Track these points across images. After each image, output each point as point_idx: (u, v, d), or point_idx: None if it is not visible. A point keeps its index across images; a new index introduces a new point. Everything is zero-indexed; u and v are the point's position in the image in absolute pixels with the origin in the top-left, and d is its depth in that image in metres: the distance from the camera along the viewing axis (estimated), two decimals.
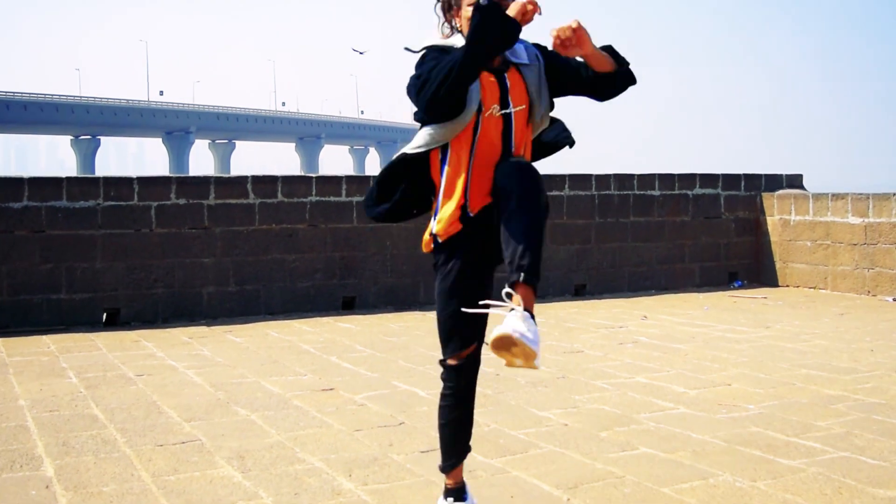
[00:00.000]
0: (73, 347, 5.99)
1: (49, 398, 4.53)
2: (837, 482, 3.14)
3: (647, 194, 8.88)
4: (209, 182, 7.36)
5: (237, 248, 7.35)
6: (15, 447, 3.67)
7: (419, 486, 3.15)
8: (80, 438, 3.79)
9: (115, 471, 3.35)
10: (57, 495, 3.08)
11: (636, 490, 3.08)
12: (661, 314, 7.37)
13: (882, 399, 4.36)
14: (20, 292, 6.77)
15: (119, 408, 4.31)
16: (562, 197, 8.49)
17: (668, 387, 4.69)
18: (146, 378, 4.99)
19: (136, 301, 7.06)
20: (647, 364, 5.29)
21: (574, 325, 6.86)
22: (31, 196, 6.80)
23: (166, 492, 3.10)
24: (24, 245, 6.77)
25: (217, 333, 6.54)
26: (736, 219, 9.32)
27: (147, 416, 4.16)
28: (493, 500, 3.00)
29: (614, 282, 8.75)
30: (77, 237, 6.91)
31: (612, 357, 5.52)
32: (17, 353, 5.77)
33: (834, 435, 3.74)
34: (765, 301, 8.15)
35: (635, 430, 3.85)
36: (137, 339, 6.33)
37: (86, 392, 4.65)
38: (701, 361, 5.36)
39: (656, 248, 8.95)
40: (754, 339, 6.14)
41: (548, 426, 3.93)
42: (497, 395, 4.53)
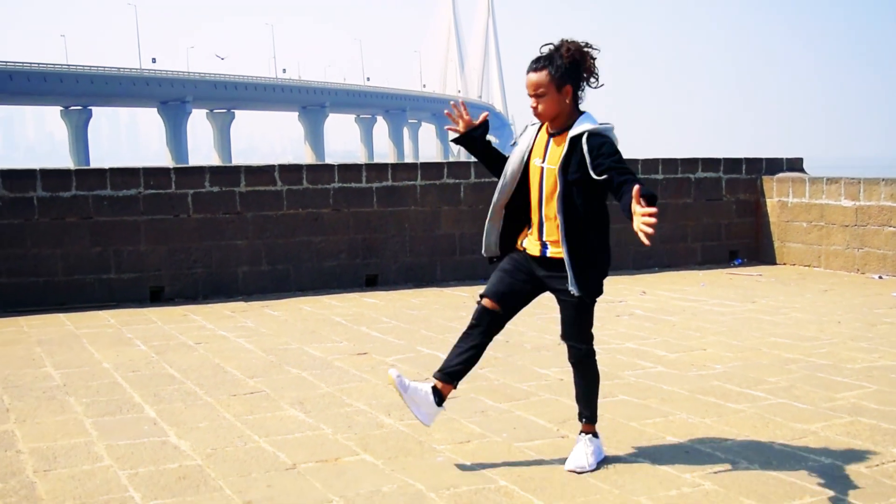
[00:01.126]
0: (130, 321, 7.23)
1: (127, 362, 5.76)
2: (768, 419, 4.33)
3: (651, 178, 10.02)
4: (240, 171, 8.55)
5: (267, 231, 8.56)
6: (116, 397, 4.91)
7: (443, 422, 4.35)
8: (167, 391, 5.02)
9: (204, 413, 4.57)
10: (166, 429, 4.31)
11: (610, 423, 4.28)
12: (660, 290, 8.55)
13: (830, 361, 5.54)
14: (74, 272, 8.01)
15: (189, 368, 5.54)
16: None
17: (652, 351, 5.88)
18: (205, 345, 6.23)
19: (178, 280, 8.29)
20: (637, 333, 6.48)
21: None
22: (78, 186, 8.02)
23: (248, 426, 4.33)
24: (75, 230, 8.00)
25: (255, 308, 7.77)
26: (737, 201, 10.45)
27: (215, 374, 5.39)
28: (500, 430, 4.20)
29: (619, 260, 9.90)
30: (122, 223, 8.13)
31: (609, 328, 6.70)
32: (84, 326, 7.02)
33: (778, 387, 4.93)
34: (759, 278, 9.31)
35: (617, 384, 5.04)
36: (185, 313, 7.57)
37: (157, 357, 5.89)
38: (685, 331, 6.55)
39: (660, 228, 9.99)
40: (738, 312, 7.31)
41: (546, 381, 5.13)
42: (506, 357, 5.73)
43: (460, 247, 9.23)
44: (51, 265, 7.93)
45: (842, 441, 3.98)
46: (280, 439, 4.12)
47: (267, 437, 4.16)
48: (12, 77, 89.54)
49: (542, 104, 3.48)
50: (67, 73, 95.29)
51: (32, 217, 7.87)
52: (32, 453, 3.97)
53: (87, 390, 5.06)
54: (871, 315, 7.10)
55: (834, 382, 5.02)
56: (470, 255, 9.23)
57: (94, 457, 3.91)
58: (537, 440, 4.08)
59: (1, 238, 7.78)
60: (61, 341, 6.47)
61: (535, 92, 3.48)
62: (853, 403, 4.58)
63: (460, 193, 9.19)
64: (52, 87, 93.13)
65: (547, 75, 3.44)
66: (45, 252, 7.91)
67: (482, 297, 3.73)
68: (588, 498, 3.36)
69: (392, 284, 8.90)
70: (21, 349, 6.22)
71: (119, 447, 4.03)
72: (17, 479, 3.66)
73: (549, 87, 3.45)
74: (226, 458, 3.86)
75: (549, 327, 6.73)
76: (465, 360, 3.71)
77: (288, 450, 3.96)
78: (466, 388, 4.97)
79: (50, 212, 7.90)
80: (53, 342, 6.44)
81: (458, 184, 9.17)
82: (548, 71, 3.45)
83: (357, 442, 4.05)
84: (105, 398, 4.89)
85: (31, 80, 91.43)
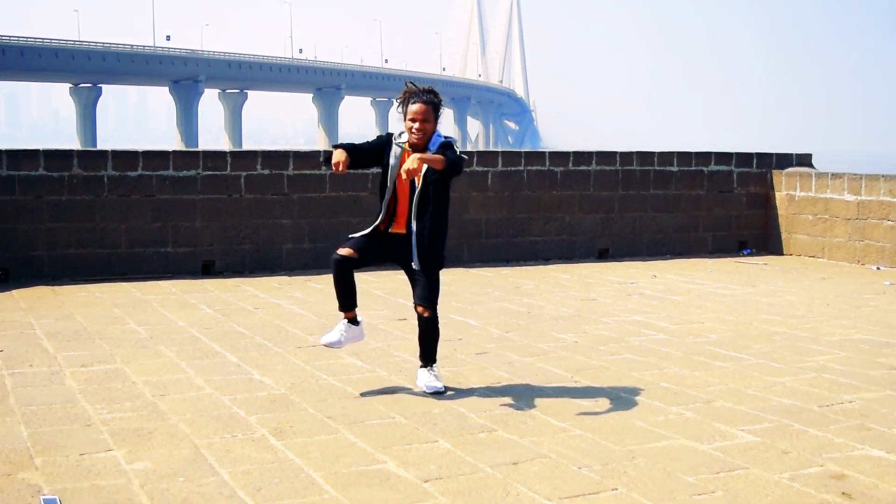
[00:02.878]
0: (190, 289, 8.41)
1: (198, 321, 6.93)
2: (746, 374, 5.44)
3: (666, 170, 11.11)
4: (288, 155, 9.71)
5: (311, 211, 9.72)
6: (200, 346, 6.07)
7: (477, 368, 5.49)
8: (241, 343, 6.18)
9: (277, 360, 5.73)
10: (249, 370, 5.46)
11: (615, 374, 5.40)
12: (670, 274, 9.65)
13: (811, 334, 6.64)
14: (136, 245, 9.20)
15: (255, 327, 6.70)
16: (589, 171, 10.75)
17: (656, 323, 7.00)
18: (262, 311, 7.39)
19: (228, 255, 9.47)
20: (644, 309, 7.59)
21: (593, 281, 9.16)
22: (144, 166, 9.19)
23: (317, 369, 5.48)
24: (139, 207, 9.19)
25: (299, 282, 8.93)
26: (747, 193, 11.52)
27: (277, 333, 6.54)
28: (522, 378, 5.33)
29: (634, 247, 11.02)
30: (181, 201, 9.31)
31: (620, 304, 7.82)
32: (150, 293, 8.20)
33: (761, 352, 6.03)
34: (764, 266, 10.39)
35: (623, 346, 6.17)
36: (237, 285, 8.74)
37: (223, 319, 7.05)
38: (688, 308, 7.66)
39: (673, 218, 11.19)
40: (738, 294, 8.41)
41: (563, 343, 6.26)
42: (528, 325, 6.86)
43: (486, 231, 10.35)
44: (116, 238, 9.12)
45: (803, 390, 5.09)
46: (345, 377, 5.27)
47: (334, 376, 5.31)
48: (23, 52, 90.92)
49: (427, 128, 4.79)
50: (79, 49, 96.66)
51: (102, 194, 9.05)
52: (146, 384, 5.13)
53: (172, 341, 6.23)
54: (859, 299, 8.18)
55: (809, 350, 6.12)
56: (495, 238, 10.35)
57: (197, 387, 5.07)
58: (554, 383, 5.21)
59: (73, 213, 8.97)
60: (135, 304, 7.64)
61: (423, 119, 4.78)
62: (821, 365, 5.69)
63: (488, 181, 10.30)
64: (63, 63, 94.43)
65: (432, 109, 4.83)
66: (111, 226, 9.10)
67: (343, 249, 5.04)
68: (595, 419, 4.48)
69: None
70: (100, 311, 7.40)
71: (215, 381, 5.19)
72: (141, 400, 4.82)
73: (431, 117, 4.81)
74: (304, 390, 5.01)
75: (566, 302, 7.86)
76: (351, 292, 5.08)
77: (353, 385, 5.11)
78: (495, 347, 6.12)
79: (118, 189, 9.09)
80: (127, 305, 7.61)
81: (486, 171, 10.29)
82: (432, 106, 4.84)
83: (408, 381, 5.19)
84: (190, 347, 6.06)
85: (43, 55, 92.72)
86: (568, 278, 9.33)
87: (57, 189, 8.91)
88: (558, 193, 10.62)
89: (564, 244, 10.68)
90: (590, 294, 8.35)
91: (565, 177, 10.65)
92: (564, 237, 10.67)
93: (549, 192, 10.56)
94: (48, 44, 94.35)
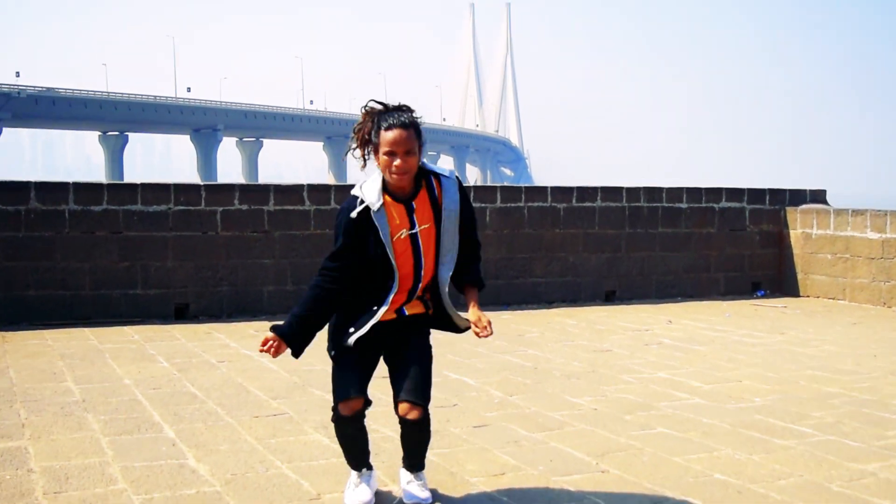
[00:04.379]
0: (154, 337, 6.88)
1: (149, 378, 5.40)
2: (820, 458, 3.91)
3: (676, 206, 9.63)
4: (269, 190, 8.23)
5: (294, 250, 8.22)
6: (136, 415, 4.54)
7: (474, 451, 3.96)
8: (188, 410, 4.65)
9: (225, 435, 4.20)
10: (184, 451, 3.93)
11: (652, 458, 3.87)
12: (685, 319, 8.13)
13: (874, 396, 5.10)
14: (101, 287, 7.69)
15: (212, 387, 5.17)
16: (594, 208, 9.27)
17: (686, 381, 5.46)
18: (227, 364, 5.86)
19: (204, 297, 7.95)
20: (668, 362, 6.06)
21: (604, 327, 7.63)
22: (110, 200, 7.72)
23: (271, 450, 3.95)
24: (104, 245, 7.69)
25: None
26: (760, 231, 10.04)
27: (237, 395, 5.01)
28: (535, 463, 3.80)
29: (642, 289, 9.51)
30: (151, 238, 7.81)
31: (638, 356, 6.29)
32: (107, 341, 6.67)
33: (825, 423, 4.50)
34: (784, 310, 8.87)
35: (654, 415, 4.63)
36: (209, 331, 7.22)
37: (179, 374, 5.53)
38: (717, 361, 6.13)
39: (683, 257, 9.69)
40: (769, 343, 6.88)
41: (580, 410, 4.73)
42: (535, 384, 5.33)
43: (484, 271, 8.83)
44: (79, 279, 7.62)
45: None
46: (304, 466, 3.73)
47: (290, 462, 3.78)
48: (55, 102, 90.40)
49: (412, 162, 3.03)
50: (107, 99, 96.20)
51: (63, 230, 7.57)
52: (44, 472, 3.61)
53: (106, 407, 4.71)
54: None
55: (882, 419, 4.59)
56: (494, 279, 8.85)
57: (109, 478, 3.54)
58: (575, 474, 3.67)
59: (31, 250, 7.49)
60: (84, 356, 6.12)
61: (407, 149, 3.02)
62: None
63: (486, 218, 8.83)
64: (92, 112, 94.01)
65: (415, 134, 3.03)
66: (73, 266, 7.61)
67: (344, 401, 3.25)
68: None
69: None
70: (43, 362, 5.89)
71: (135, 469, 3.66)
72: (26, 501, 3.29)
73: (415, 145, 3.04)
74: (246, 485, 3.48)
75: (577, 354, 6.33)
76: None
77: (312, 478, 3.58)
78: (497, 416, 4.58)
79: (80, 225, 7.61)
80: (76, 356, 6.10)
81: (483, 208, 8.81)
82: (415, 130, 3.04)
83: (385, 471, 3.66)
84: (124, 416, 4.53)
85: (73, 105, 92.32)
86: (575, 324, 7.81)
87: (13, 224, 7.43)
88: (561, 232, 9.14)
89: (568, 286, 9.17)
90: (602, 343, 6.82)
91: (569, 214, 9.16)
92: (568, 278, 9.17)
93: (552, 231, 9.08)
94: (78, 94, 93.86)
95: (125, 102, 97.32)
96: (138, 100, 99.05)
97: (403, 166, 2.99)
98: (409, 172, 3.01)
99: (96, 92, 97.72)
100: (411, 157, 3.00)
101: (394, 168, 2.99)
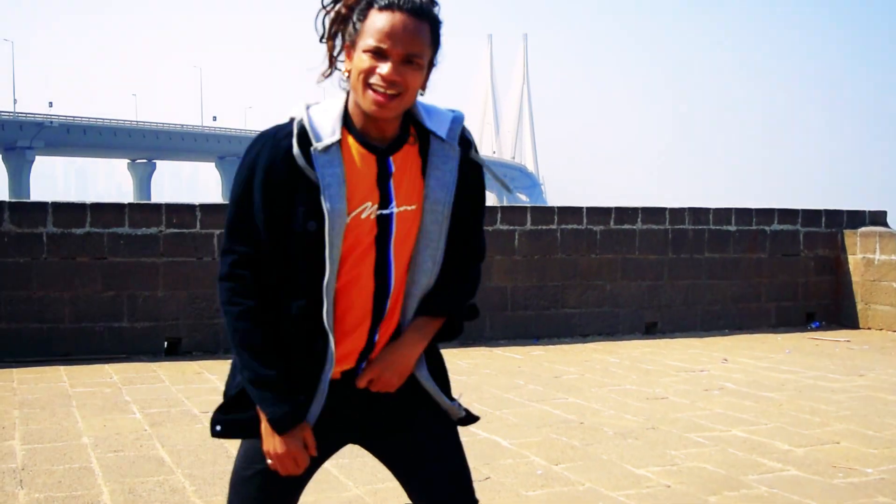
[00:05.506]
0: (135, 378, 5.80)
1: (113, 436, 4.31)
2: None
3: (723, 229, 8.48)
4: None
5: None
6: (79, 493, 3.45)
7: None
8: (147, 485, 3.55)
9: None
10: None
11: None
12: (742, 357, 6.94)
13: None
14: (83, 319, 6.64)
15: (185, 450, 4.07)
16: (634, 231, 8.13)
17: (771, 443, 4.30)
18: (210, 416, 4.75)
19: (198, 331, 6.87)
20: (740, 415, 4.89)
21: (651, 366, 6.47)
22: (93, 222, 6.68)
23: None
24: (86, 272, 6.65)
25: None
26: (815, 256, 8.85)
27: (215, 460, 3.91)
28: None
29: (686, 320, 8.34)
30: (139, 264, 6.76)
31: (701, 406, 5.13)
32: (80, 384, 5.60)
33: None
34: (848, 345, 7.67)
35: (747, 496, 3.47)
36: (200, 370, 6.13)
37: (150, 430, 4.43)
38: (799, 413, 4.95)
39: (731, 285, 8.52)
40: (850, 388, 5.70)
41: (648, 487, 3.58)
42: (585, 447, 4.18)
43: (512, 301, 7.71)
44: (57, 310, 6.57)
45: None
46: None
47: None
48: (86, 131, 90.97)
49: (410, 78, 1.59)
50: (135, 128, 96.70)
51: (40, 255, 6.53)
52: None
53: (47, 478, 3.62)
54: None
55: None
56: (523, 310, 7.72)
57: None
58: None
59: (4, 278, 6.45)
60: (46, 404, 5.04)
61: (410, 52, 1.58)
62: None
63: (514, 242, 7.71)
64: (122, 141, 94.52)
65: (429, 31, 1.61)
66: (51, 295, 6.56)
67: None
68: None
69: None
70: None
71: None
72: None
73: (427, 52, 1.62)
74: None
75: (627, 404, 5.17)
76: None
77: None
78: (543, 497, 3.43)
79: (60, 250, 6.57)
80: (37, 404, 5.02)
81: (512, 231, 7.70)
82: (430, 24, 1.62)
83: None
84: (64, 493, 3.43)
85: (103, 134, 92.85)
86: (618, 363, 6.64)
87: None
88: (598, 257, 8.00)
89: (605, 317, 8.01)
90: (654, 388, 5.65)
91: (606, 237, 8.03)
92: (605, 309, 8.01)
93: (587, 256, 7.94)
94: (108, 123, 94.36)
95: (153, 131, 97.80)
96: (166, 128, 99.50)
97: (394, 77, 1.57)
98: (401, 95, 1.59)
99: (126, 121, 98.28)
100: (412, 70, 1.59)
101: (377, 78, 1.57)
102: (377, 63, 1.57)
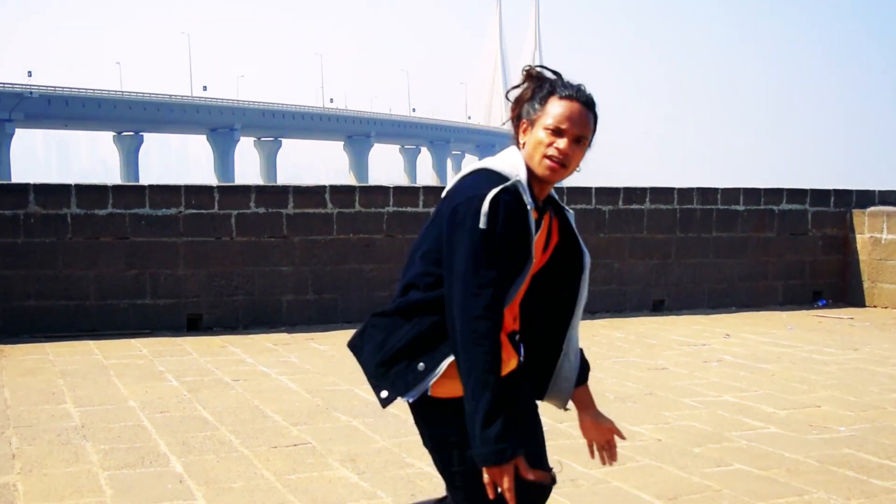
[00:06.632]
0: (164, 351, 6.56)
1: (156, 400, 5.07)
2: None
3: (731, 209, 9.18)
4: (287, 191, 7.89)
5: (315, 257, 7.87)
6: (139, 445, 4.20)
7: None
8: (198, 439, 4.30)
9: (239, 469, 3.84)
10: (192, 490, 3.58)
11: (734, 503, 3.45)
12: (744, 332, 7.67)
13: None
14: (107, 297, 7.39)
15: (225, 411, 4.82)
16: (642, 210, 8.84)
17: (757, 406, 5.03)
18: (243, 383, 5.52)
19: (218, 307, 7.63)
20: (734, 383, 5.63)
21: (655, 341, 7.21)
22: (115, 203, 7.41)
23: (291, 489, 3.58)
24: (109, 251, 7.39)
25: (300, 341, 7.06)
26: (823, 236, 9.55)
27: (254, 419, 4.66)
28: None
29: (693, 298, 9.06)
30: (160, 244, 7.50)
31: (698, 375, 5.87)
32: (113, 356, 6.36)
33: None
34: (851, 322, 8.38)
35: (728, 448, 4.21)
36: (223, 344, 6.89)
37: (189, 395, 5.19)
38: (789, 382, 5.68)
39: (738, 264, 9.23)
40: (842, 361, 6.43)
41: (641, 441, 4.32)
42: None
43: None
44: (82, 288, 7.32)
45: None
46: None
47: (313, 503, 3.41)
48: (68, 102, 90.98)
49: (577, 154, 2.12)
50: (121, 99, 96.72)
51: (65, 236, 7.28)
52: None
53: (107, 434, 4.37)
54: None
55: None
56: None
57: None
58: None
59: (31, 258, 7.20)
60: (87, 373, 5.81)
61: (582, 133, 2.11)
62: None
63: None
64: (106, 112, 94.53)
65: (593, 120, 2.15)
66: (76, 274, 7.31)
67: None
68: None
69: None
70: (42, 381, 5.58)
71: None
72: None
73: (590, 135, 2.15)
74: None
75: (629, 373, 5.91)
76: None
77: None
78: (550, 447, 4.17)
79: (84, 230, 7.31)
80: (78, 374, 5.79)
81: None
82: (594, 115, 2.16)
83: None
84: (126, 445, 4.19)
85: (86, 105, 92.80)
86: (623, 337, 7.38)
87: (11, 230, 7.14)
88: (606, 236, 8.72)
89: (613, 295, 8.74)
90: (656, 360, 6.40)
91: (614, 217, 8.74)
92: (613, 287, 8.74)
93: (596, 235, 8.66)
94: (92, 94, 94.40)
95: (140, 102, 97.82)
96: (153, 99, 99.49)
97: (568, 154, 2.07)
98: (568, 167, 2.09)
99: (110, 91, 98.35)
100: (579, 148, 2.10)
101: (553, 150, 2.07)
102: (555, 139, 2.08)
